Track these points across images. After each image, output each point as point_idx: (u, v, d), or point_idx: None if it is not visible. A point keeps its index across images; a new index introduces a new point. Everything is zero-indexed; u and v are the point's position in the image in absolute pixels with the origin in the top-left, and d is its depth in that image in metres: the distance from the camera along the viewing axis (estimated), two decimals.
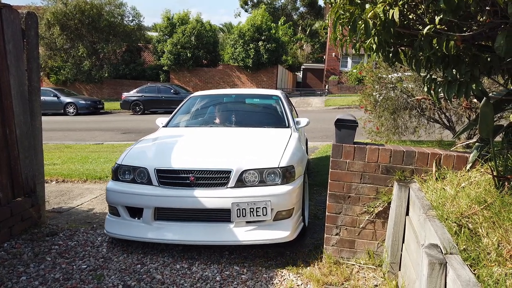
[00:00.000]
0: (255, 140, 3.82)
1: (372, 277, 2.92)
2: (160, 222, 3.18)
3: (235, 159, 3.23)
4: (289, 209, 3.16)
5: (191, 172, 3.14)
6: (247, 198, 3.03)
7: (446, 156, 2.91)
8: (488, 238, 1.93)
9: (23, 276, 2.78)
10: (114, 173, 3.39)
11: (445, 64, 2.29)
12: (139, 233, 3.16)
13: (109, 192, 3.31)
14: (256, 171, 3.15)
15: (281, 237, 3.10)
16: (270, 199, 3.03)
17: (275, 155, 3.30)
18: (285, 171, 3.19)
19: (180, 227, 3.14)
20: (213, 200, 3.06)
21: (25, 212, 3.46)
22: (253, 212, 3.02)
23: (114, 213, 3.33)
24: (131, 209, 3.26)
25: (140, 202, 3.18)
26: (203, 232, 3.09)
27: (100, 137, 11.59)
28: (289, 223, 3.16)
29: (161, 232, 3.13)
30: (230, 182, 3.11)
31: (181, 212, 3.17)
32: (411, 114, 7.25)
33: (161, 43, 25.20)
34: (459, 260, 1.76)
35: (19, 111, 3.40)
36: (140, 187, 3.22)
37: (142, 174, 3.26)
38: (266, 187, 3.13)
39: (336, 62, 28.23)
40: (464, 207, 2.23)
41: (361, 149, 3.04)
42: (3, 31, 3.22)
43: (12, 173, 3.36)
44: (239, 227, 3.07)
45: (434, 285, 1.75)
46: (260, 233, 3.08)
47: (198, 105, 5.19)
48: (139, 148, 3.71)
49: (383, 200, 3.04)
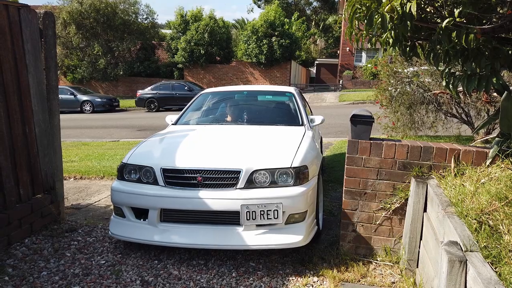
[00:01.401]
0: (266, 139, 3.69)
1: (389, 274, 2.90)
2: (166, 224, 3.05)
3: (245, 158, 3.09)
4: (302, 212, 2.98)
5: (198, 172, 3.00)
6: (258, 200, 2.87)
7: (465, 151, 2.85)
8: (509, 235, 1.89)
9: (44, 271, 2.85)
10: (119, 172, 3.29)
11: (464, 58, 2.24)
12: (144, 235, 3.04)
13: (114, 192, 3.19)
14: (267, 172, 2.99)
15: (293, 242, 2.92)
16: (282, 201, 2.86)
17: (288, 155, 3.13)
18: (298, 172, 3.01)
19: (187, 229, 3.00)
20: (221, 201, 2.91)
21: (44, 208, 3.54)
22: (263, 215, 2.85)
23: (119, 214, 3.22)
24: (136, 210, 3.14)
25: (146, 203, 3.05)
26: (210, 235, 2.95)
27: (116, 134, 11.75)
28: (302, 227, 2.98)
29: (167, 235, 3.00)
30: (239, 182, 2.95)
31: (188, 214, 3.02)
32: (427, 109, 7.13)
33: (175, 40, 25.35)
34: (479, 257, 1.73)
35: (38, 110, 3.47)
36: (145, 187, 3.09)
37: (148, 173, 3.13)
38: (277, 188, 2.96)
39: (351, 57, 27.92)
40: (484, 204, 2.18)
41: (377, 145, 3.00)
42: (22, 31, 3.29)
43: (32, 170, 3.44)
44: (248, 230, 2.91)
45: (454, 283, 1.72)
46: (271, 237, 2.91)
47: (209, 102, 5.07)
48: (146, 147, 3.59)
49: (400, 196, 3.00)
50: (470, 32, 1.92)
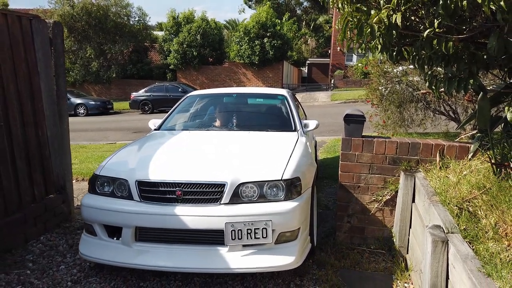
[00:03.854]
0: (255, 147, 3.37)
1: (382, 260, 3.15)
2: (142, 244, 2.71)
3: (231, 169, 2.76)
4: (294, 229, 2.68)
5: (177, 186, 2.67)
6: (244, 217, 2.56)
7: (449, 146, 3.11)
8: (486, 219, 2.14)
9: (62, 265, 3.05)
10: (91, 184, 2.95)
11: (445, 62, 2.49)
12: (117, 257, 2.70)
13: (84, 208, 2.84)
14: (255, 185, 2.68)
15: (284, 264, 2.61)
16: (271, 218, 2.56)
17: (278, 165, 2.82)
18: (289, 184, 2.70)
19: (165, 250, 2.67)
20: (203, 219, 2.59)
21: (57, 208, 3.73)
22: (250, 233, 2.55)
23: (90, 232, 2.87)
24: (109, 228, 2.80)
25: (119, 220, 2.71)
26: (191, 256, 2.62)
27: (112, 137, 11.89)
28: (294, 247, 2.67)
29: (142, 256, 2.66)
30: (224, 197, 2.63)
31: (166, 232, 2.70)
32: (417, 107, 7.42)
33: (167, 43, 25.47)
34: (459, 238, 1.98)
35: (49, 114, 3.66)
36: (119, 202, 2.76)
37: (122, 186, 2.79)
38: (266, 203, 2.65)
39: (342, 56, 28.31)
40: (465, 193, 2.44)
41: (369, 142, 3.25)
42: (33, 40, 3.48)
43: (45, 172, 3.63)
44: (234, 251, 2.59)
45: (437, 260, 1.97)
46: (259, 259, 2.59)
47: (196, 106, 4.73)
48: (122, 156, 3.22)
49: (391, 189, 3.26)
50: (449, 40, 2.17)
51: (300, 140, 3.53)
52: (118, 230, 2.75)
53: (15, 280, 2.79)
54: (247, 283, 2.82)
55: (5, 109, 3.17)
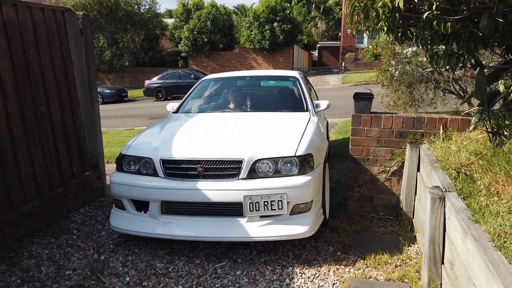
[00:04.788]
0: (270, 126, 3.57)
1: (389, 225, 3.45)
2: (168, 217, 2.98)
3: (247, 147, 2.98)
4: (307, 202, 2.90)
5: (198, 163, 2.90)
6: (261, 190, 2.78)
7: (452, 120, 3.37)
8: (481, 180, 2.42)
9: (103, 232, 3.44)
10: (118, 163, 3.22)
11: (445, 41, 2.73)
12: (146, 228, 2.98)
13: (113, 185, 3.12)
14: (270, 161, 2.89)
15: (299, 233, 2.86)
16: (286, 192, 2.77)
17: (292, 143, 3.03)
18: (302, 160, 2.91)
19: (189, 221, 2.93)
20: (223, 193, 2.83)
21: (93, 184, 4.12)
22: (267, 205, 2.77)
23: (119, 207, 3.16)
24: (137, 202, 3.06)
25: (146, 195, 2.98)
26: (213, 227, 2.88)
27: (130, 123, 12.30)
28: (307, 217, 2.91)
29: (168, 227, 2.93)
30: (241, 173, 2.86)
31: (189, 205, 2.96)
32: (426, 87, 7.59)
33: (178, 30, 25.71)
34: (455, 195, 2.26)
35: (83, 100, 4.01)
36: (145, 179, 3.01)
37: (147, 165, 3.04)
38: (281, 178, 2.87)
39: (352, 39, 28.14)
40: (464, 159, 2.71)
41: (377, 117, 3.52)
42: (66, 31, 3.80)
43: (81, 152, 4.00)
44: (252, 221, 2.83)
45: (435, 215, 2.26)
46: (276, 229, 2.84)
47: (211, 89, 4.93)
48: (145, 137, 3.49)
49: (398, 160, 3.53)
50: (447, 21, 2.41)
51: (312, 119, 3.70)
52: (145, 204, 3.02)
53: (64, 243, 3.19)
54: (268, 245, 3.16)
55: (46, 95, 3.52)
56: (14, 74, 3.16)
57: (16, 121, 3.16)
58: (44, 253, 3.03)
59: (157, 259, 2.97)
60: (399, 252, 2.99)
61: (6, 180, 3.07)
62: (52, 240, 3.23)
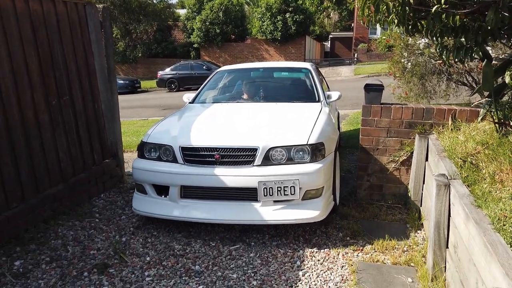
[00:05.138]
0: (283, 116, 3.71)
1: (398, 213, 3.56)
2: (186, 200, 3.17)
3: (262, 136, 3.14)
4: (319, 188, 3.05)
5: (216, 150, 3.08)
6: (274, 176, 2.95)
7: (461, 111, 3.44)
8: (486, 169, 2.51)
9: (123, 216, 3.63)
10: (139, 150, 3.41)
11: (454, 33, 2.81)
12: (166, 211, 3.19)
13: (135, 170, 3.33)
14: (284, 149, 3.05)
15: (310, 217, 3.02)
16: (298, 178, 2.94)
17: (304, 132, 3.18)
18: (314, 149, 3.07)
19: (206, 205, 3.13)
20: (239, 178, 3.01)
21: (112, 171, 4.31)
22: (280, 191, 2.94)
23: (141, 191, 3.37)
24: (157, 187, 3.27)
25: (166, 180, 3.17)
26: (229, 210, 3.06)
27: (144, 114, 12.54)
28: (319, 203, 3.07)
29: (187, 210, 3.14)
30: (256, 160, 3.02)
31: (207, 190, 3.14)
32: (439, 78, 7.59)
33: (190, 21, 25.80)
34: (460, 182, 2.37)
35: (103, 89, 4.18)
36: (165, 165, 3.21)
37: (168, 152, 3.23)
38: (294, 165, 3.02)
39: (365, 30, 27.87)
40: (470, 149, 2.80)
41: (387, 108, 3.61)
42: (87, 23, 3.96)
43: (101, 140, 4.18)
44: (266, 206, 3.01)
45: (440, 201, 2.37)
46: (288, 213, 3.01)
47: (225, 80, 5.08)
48: (165, 125, 3.67)
49: (407, 150, 3.63)
50: (455, 14, 2.49)
51: (324, 110, 3.85)
52: (165, 188, 3.22)
53: (87, 226, 3.39)
54: (279, 230, 3.31)
55: (69, 85, 3.69)
56: (40, 65, 3.33)
57: (42, 109, 3.34)
58: (69, 234, 3.23)
59: (174, 241, 3.15)
60: (406, 238, 3.11)
61: (34, 166, 3.26)
62: (76, 222, 3.43)
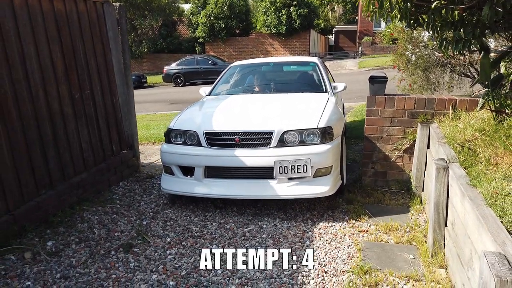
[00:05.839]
0: (294, 104, 4.05)
1: (401, 198, 3.77)
2: (210, 179, 3.53)
3: (276, 121, 3.48)
4: (328, 166, 3.39)
5: (236, 134, 3.43)
6: (289, 156, 3.29)
7: (461, 101, 3.63)
8: (482, 153, 2.71)
9: (142, 202, 3.87)
10: (166, 136, 3.78)
11: (454, 27, 2.99)
12: (191, 189, 3.56)
13: (163, 154, 3.71)
14: (296, 132, 3.39)
15: (321, 192, 3.37)
16: (310, 157, 3.27)
17: (314, 117, 3.51)
18: (323, 131, 3.40)
19: (228, 183, 3.48)
20: (257, 159, 3.36)
21: (129, 161, 4.55)
22: (294, 169, 3.27)
23: (168, 172, 3.73)
24: (183, 168, 3.63)
25: (192, 161, 3.53)
26: (249, 187, 3.43)
27: (151, 108, 12.76)
28: (328, 179, 3.41)
29: (211, 188, 3.50)
30: (272, 142, 3.36)
31: (228, 170, 3.49)
32: (442, 71, 7.73)
33: (195, 16, 25.93)
34: (457, 165, 2.57)
35: (120, 84, 4.40)
36: (191, 148, 3.56)
37: (192, 137, 3.58)
38: (306, 146, 3.36)
39: (369, 23, 27.86)
40: (469, 135, 2.99)
41: (390, 99, 3.81)
42: (105, 21, 4.17)
43: (119, 131, 4.41)
44: (281, 183, 3.35)
45: (440, 183, 2.57)
46: (301, 188, 3.35)
47: (238, 74, 5.40)
48: (188, 114, 4.03)
49: (409, 138, 3.82)
50: (454, 9, 2.68)
51: (331, 99, 4.18)
52: (190, 170, 3.60)
53: (110, 211, 3.63)
54: (289, 214, 3.53)
55: (89, 79, 3.92)
56: (64, 61, 3.55)
57: (66, 102, 3.57)
58: (94, 218, 3.47)
59: (192, 224, 3.38)
60: (408, 221, 3.32)
61: (60, 155, 3.50)
62: (99, 208, 3.67)
